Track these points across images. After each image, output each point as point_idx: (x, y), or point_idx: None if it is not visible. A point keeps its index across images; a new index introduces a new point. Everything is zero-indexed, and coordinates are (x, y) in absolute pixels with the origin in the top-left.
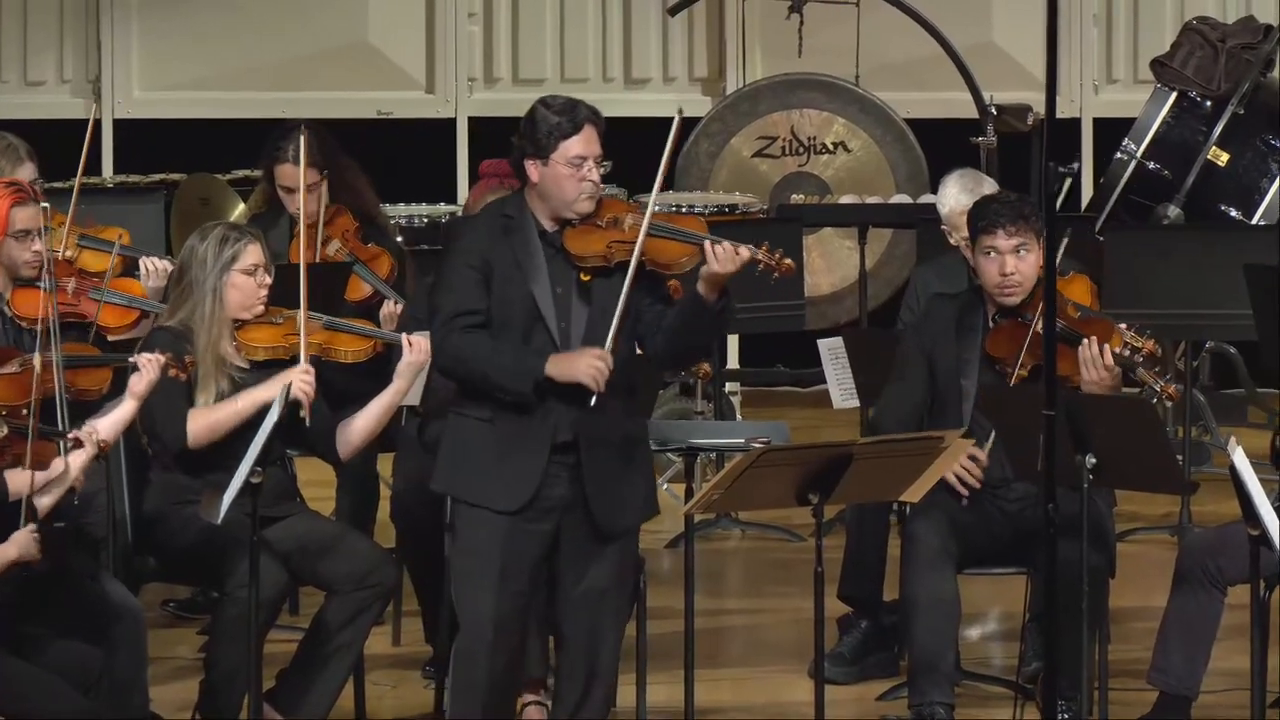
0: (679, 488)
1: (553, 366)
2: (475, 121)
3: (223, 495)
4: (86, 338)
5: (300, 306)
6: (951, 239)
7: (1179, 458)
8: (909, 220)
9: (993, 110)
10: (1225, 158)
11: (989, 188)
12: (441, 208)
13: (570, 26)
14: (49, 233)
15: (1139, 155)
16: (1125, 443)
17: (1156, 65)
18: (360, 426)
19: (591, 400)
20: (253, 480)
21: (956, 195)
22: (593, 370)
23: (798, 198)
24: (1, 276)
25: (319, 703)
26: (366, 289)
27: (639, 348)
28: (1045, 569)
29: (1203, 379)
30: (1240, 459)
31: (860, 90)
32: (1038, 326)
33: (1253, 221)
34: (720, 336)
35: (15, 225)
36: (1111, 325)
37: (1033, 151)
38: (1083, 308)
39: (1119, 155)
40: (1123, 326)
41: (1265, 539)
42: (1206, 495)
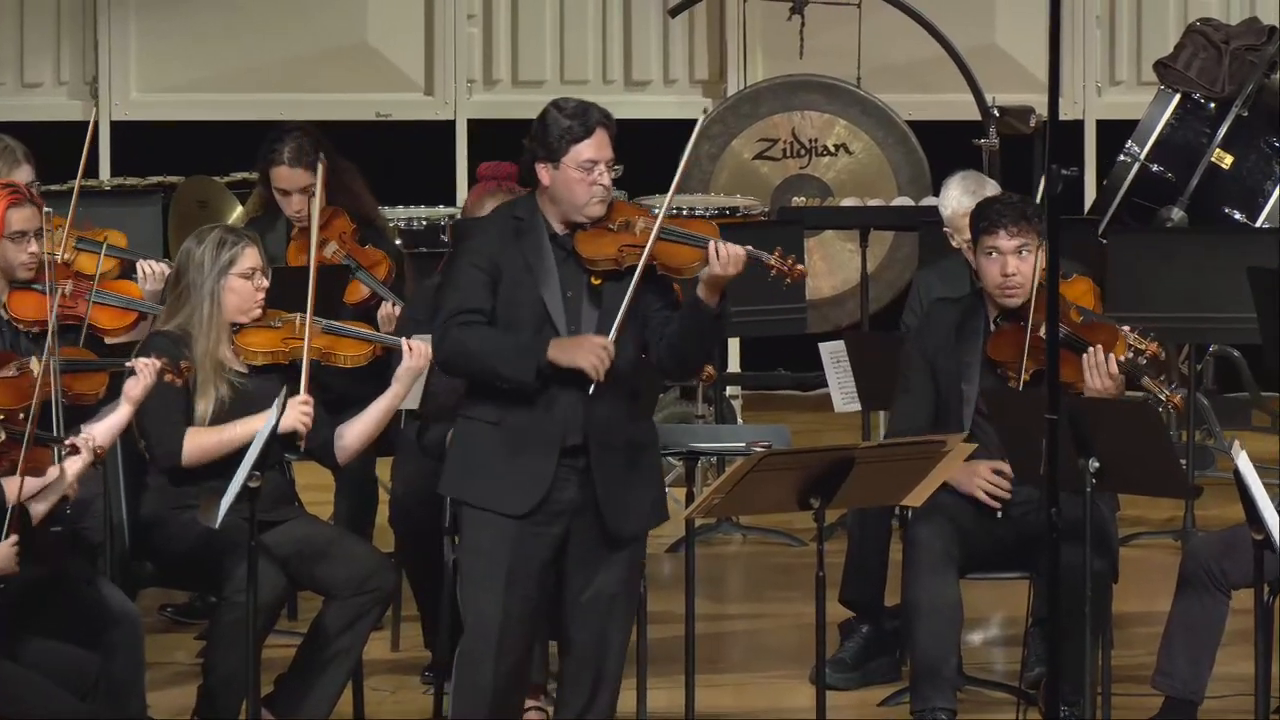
0: (680, 492)
1: (554, 350)
2: (474, 123)
3: (220, 500)
4: (83, 342)
5: (305, 313)
6: (953, 241)
7: (1182, 462)
8: (911, 223)
9: (995, 112)
10: (1229, 160)
11: (991, 190)
12: (440, 210)
13: (570, 28)
14: (47, 235)
15: (1142, 157)
16: (1128, 447)
17: (1160, 67)
18: (359, 431)
19: (590, 389)
20: (251, 485)
21: (959, 197)
22: (594, 357)
23: (799, 200)
24: None
25: (317, 708)
26: (364, 291)
27: (644, 353)
28: (1048, 573)
29: (1206, 382)
30: (1244, 463)
31: (862, 92)
32: (1040, 331)
33: (1256, 224)
34: (720, 341)
35: (11, 227)
36: (1115, 330)
37: (1035, 154)
38: (1085, 311)
39: (1122, 157)
40: (1126, 329)
41: (1269, 543)
42: (1210, 499)
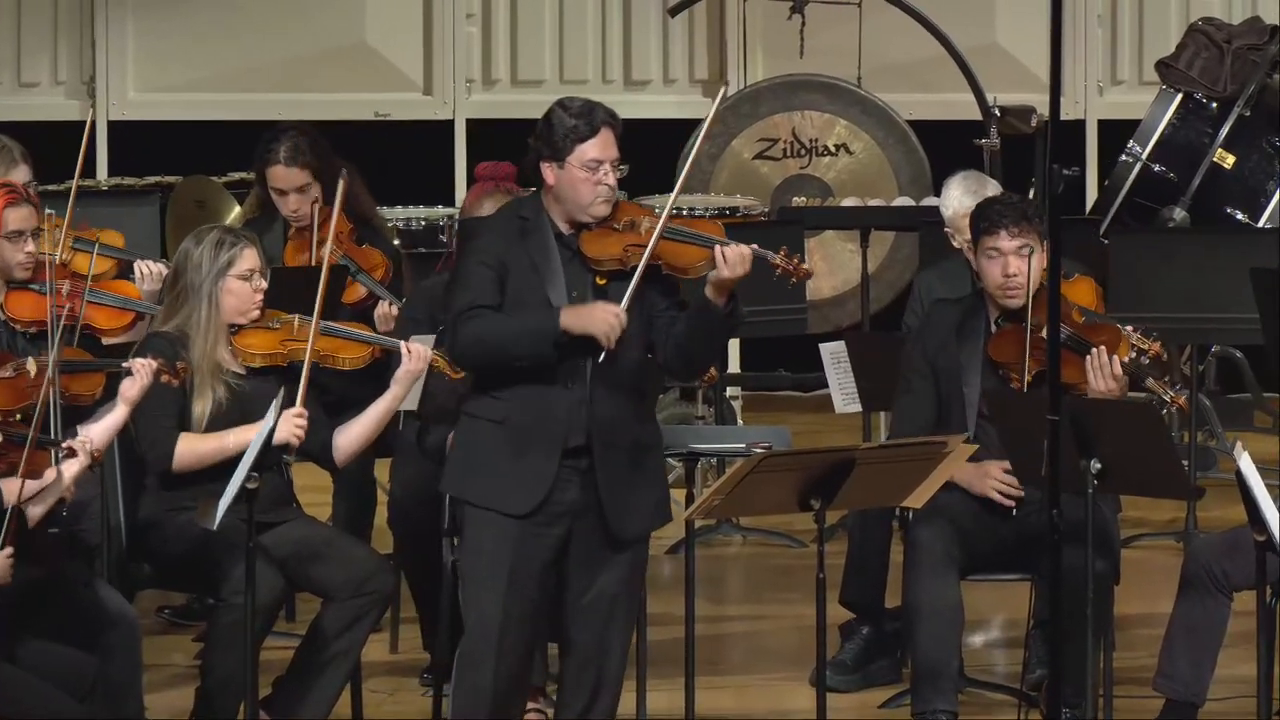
0: (679, 493)
1: (567, 317)
2: (473, 123)
3: (218, 501)
4: (82, 342)
5: (303, 314)
6: (955, 242)
7: (1184, 463)
8: (911, 223)
9: (996, 112)
10: (1231, 160)
11: (992, 190)
12: (439, 210)
13: (569, 27)
14: (43, 235)
15: (1144, 157)
16: (1130, 448)
17: (1161, 66)
18: (357, 433)
19: (601, 356)
20: (249, 486)
21: (960, 197)
22: (606, 324)
23: (799, 200)
24: None
25: (316, 710)
26: (362, 291)
27: (651, 354)
28: (1050, 575)
29: (1208, 383)
30: (1246, 464)
31: (862, 92)
32: (1042, 332)
33: (1259, 224)
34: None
35: (8, 226)
36: (1118, 331)
37: (1036, 154)
38: (1088, 312)
39: (1124, 157)
40: (1129, 329)
41: (1271, 544)
42: (1212, 501)
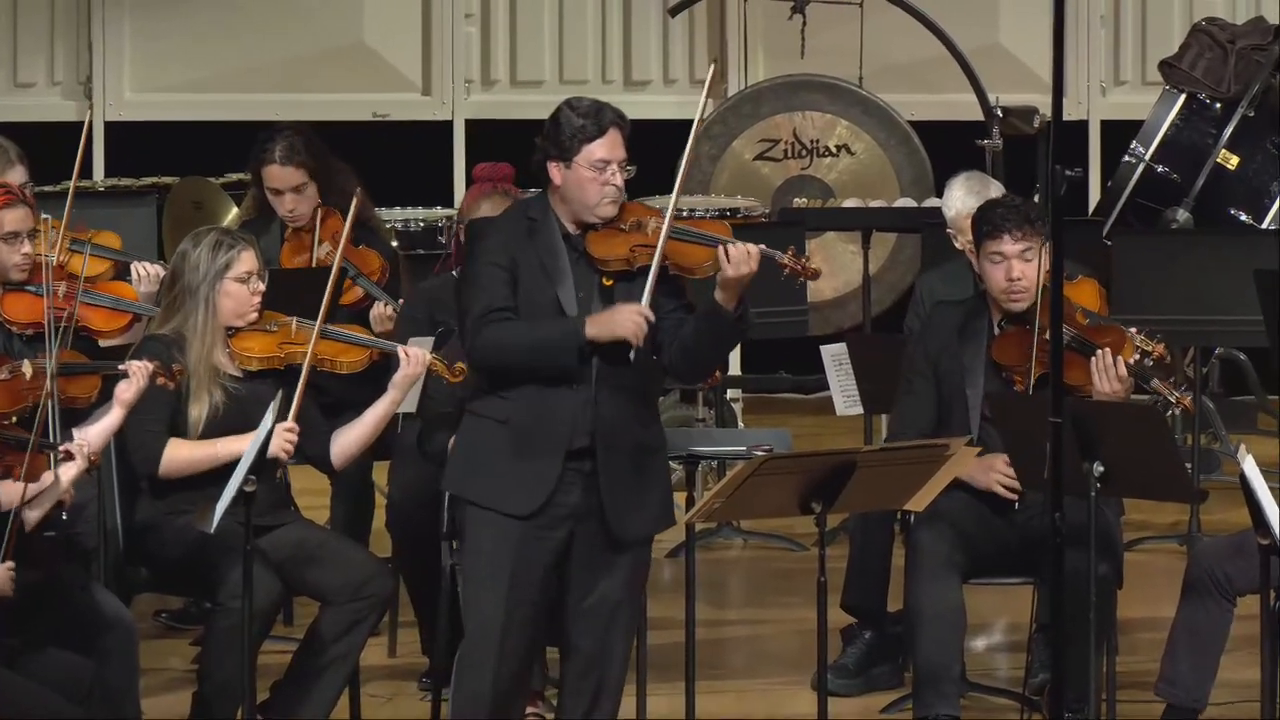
0: (680, 496)
1: (593, 327)
2: (472, 124)
3: (216, 505)
4: (79, 344)
5: (300, 317)
6: (957, 243)
7: (1188, 465)
8: (913, 224)
9: (998, 112)
10: (1235, 161)
11: (995, 190)
12: (438, 211)
13: (569, 27)
14: (39, 236)
15: (1147, 158)
16: (1133, 450)
17: (1165, 67)
18: (355, 436)
19: (631, 355)
20: (246, 489)
21: (963, 198)
22: (634, 324)
23: (800, 201)
24: None
25: (314, 714)
26: (359, 292)
27: (656, 355)
28: (1052, 579)
29: (1212, 385)
30: (1250, 467)
31: (864, 92)
32: (1045, 334)
33: (1263, 226)
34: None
35: (4, 228)
36: (1122, 333)
37: (1039, 154)
38: (1091, 314)
39: (1127, 158)
40: (1132, 331)
41: (1276, 548)
42: (1216, 504)
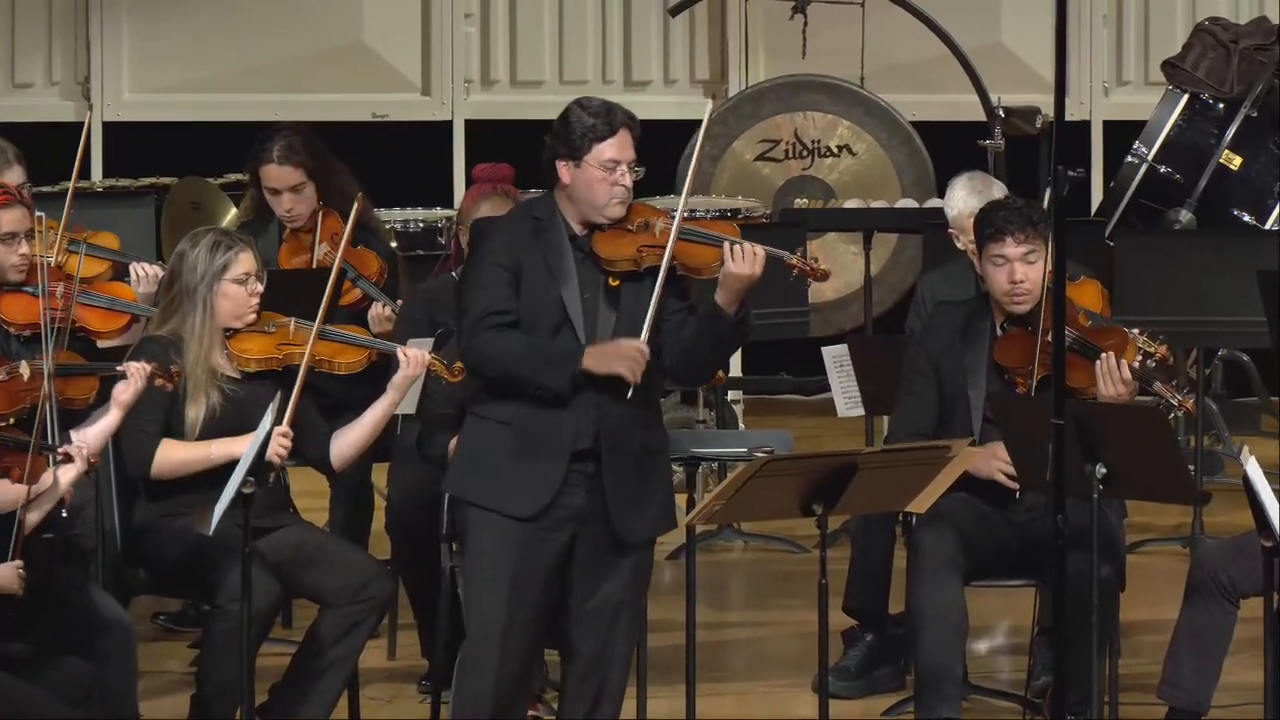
0: (680, 498)
1: (590, 360)
2: (472, 124)
3: (214, 506)
4: (77, 345)
5: (298, 318)
6: (959, 243)
7: (1191, 467)
8: (915, 225)
9: (1000, 112)
10: (1238, 161)
11: (998, 191)
12: (438, 211)
13: (569, 27)
14: (37, 237)
15: (1150, 159)
16: (1136, 452)
17: (1168, 67)
18: (354, 438)
19: (629, 393)
20: (245, 491)
21: (965, 198)
22: (630, 362)
23: (801, 202)
24: None
25: (313, 717)
26: (357, 293)
27: (658, 356)
28: (1054, 581)
29: (1215, 387)
30: (1253, 468)
31: (865, 92)
32: (1049, 337)
33: (1266, 226)
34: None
35: (2, 228)
36: (1125, 335)
37: (1041, 155)
38: (1094, 315)
39: (1129, 159)
40: (1134, 332)
41: (1279, 550)
42: (1219, 506)
